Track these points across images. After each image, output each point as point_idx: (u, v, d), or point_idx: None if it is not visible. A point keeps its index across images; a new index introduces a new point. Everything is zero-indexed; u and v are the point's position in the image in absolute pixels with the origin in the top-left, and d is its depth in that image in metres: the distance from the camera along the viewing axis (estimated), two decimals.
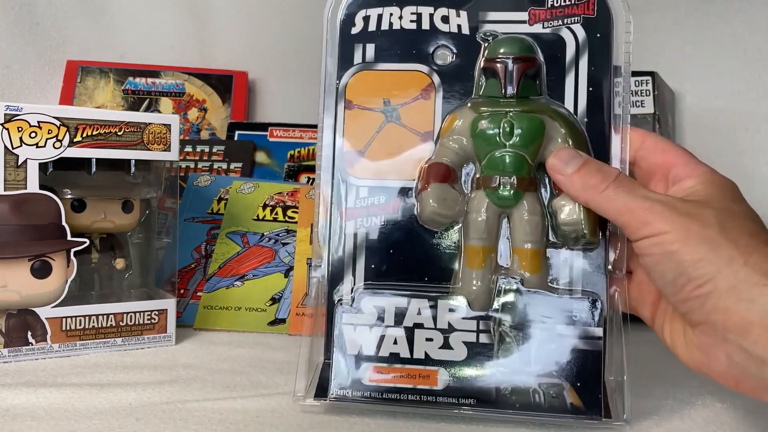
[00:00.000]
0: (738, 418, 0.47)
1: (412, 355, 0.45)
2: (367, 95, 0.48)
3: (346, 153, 0.47)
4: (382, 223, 0.47)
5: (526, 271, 0.44)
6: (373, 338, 0.45)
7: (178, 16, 1.12)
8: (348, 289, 0.47)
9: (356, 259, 0.47)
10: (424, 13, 0.47)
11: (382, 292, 0.46)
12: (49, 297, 0.58)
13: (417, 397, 0.44)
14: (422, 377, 0.44)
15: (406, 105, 0.47)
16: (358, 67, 0.48)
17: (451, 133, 0.46)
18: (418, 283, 0.46)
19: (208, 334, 0.68)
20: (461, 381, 0.44)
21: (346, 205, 0.47)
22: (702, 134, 1.04)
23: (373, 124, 0.47)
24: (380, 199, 0.47)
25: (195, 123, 1.08)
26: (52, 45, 1.07)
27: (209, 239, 0.79)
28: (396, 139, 0.47)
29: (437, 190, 0.45)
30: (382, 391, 0.45)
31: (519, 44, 0.45)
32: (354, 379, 0.45)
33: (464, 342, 0.44)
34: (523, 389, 0.43)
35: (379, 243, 0.47)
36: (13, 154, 0.56)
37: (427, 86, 0.47)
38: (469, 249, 0.45)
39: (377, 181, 0.47)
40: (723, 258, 0.38)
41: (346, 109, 0.48)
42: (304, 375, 0.46)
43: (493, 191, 0.44)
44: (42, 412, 0.45)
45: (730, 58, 1.03)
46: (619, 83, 0.45)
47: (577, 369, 0.43)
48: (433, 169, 0.46)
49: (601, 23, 0.46)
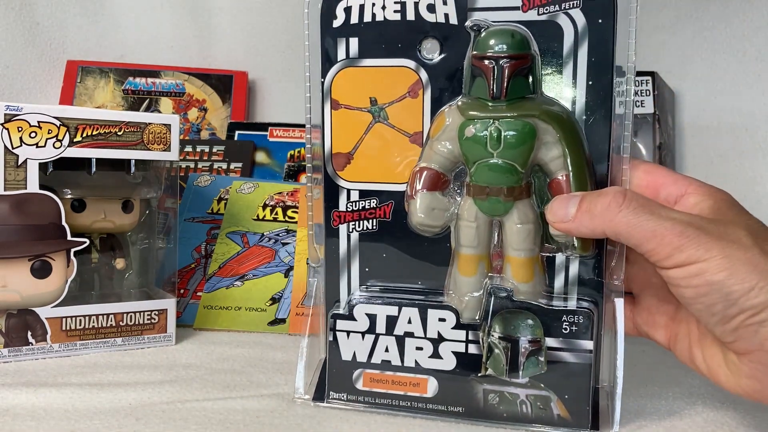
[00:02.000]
0: (738, 418, 0.46)
1: (402, 363, 0.45)
2: (353, 94, 0.46)
3: (335, 155, 0.46)
4: (374, 227, 0.46)
5: (518, 280, 0.43)
6: (366, 346, 0.46)
7: (178, 16, 1.12)
8: (344, 293, 0.47)
9: (350, 262, 0.47)
10: (408, 2, 0.44)
11: (375, 300, 0.46)
12: (49, 297, 0.58)
13: (408, 404, 0.45)
14: (413, 385, 0.45)
15: (393, 104, 0.45)
16: (342, 63, 0.45)
17: (440, 136, 0.43)
18: (412, 285, 0.46)
19: (208, 334, 0.68)
20: (450, 390, 0.44)
21: (338, 208, 0.47)
22: (702, 134, 1.04)
23: (361, 125, 0.46)
24: (371, 203, 0.46)
25: (195, 123, 1.08)
26: (52, 45, 1.07)
27: (209, 239, 0.79)
28: (385, 141, 0.46)
29: (425, 200, 0.44)
30: (376, 396, 0.46)
31: (509, 39, 0.41)
32: (348, 385, 0.46)
33: (453, 352, 0.44)
34: (510, 400, 0.43)
35: (372, 246, 0.46)
36: (13, 154, 0.56)
37: (414, 83, 0.45)
38: (461, 256, 0.44)
39: (368, 184, 0.46)
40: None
41: (332, 109, 0.46)
42: (303, 375, 0.47)
43: (481, 201, 0.43)
44: (42, 412, 0.45)
45: (730, 58, 1.03)
46: (621, 82, 0.42)
47: (565, 381, 0.43)
48: (421, 176, 0.44)
49: (604, 6, 0.41)
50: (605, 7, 0.41)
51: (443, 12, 0.44)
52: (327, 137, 0.46)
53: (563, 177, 0.42)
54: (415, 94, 0.45)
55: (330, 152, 0.46)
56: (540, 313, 0.43)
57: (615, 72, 0.41)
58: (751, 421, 0.46)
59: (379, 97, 0.45)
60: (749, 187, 1.01)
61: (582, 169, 0.42)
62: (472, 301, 0.44)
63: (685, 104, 1.06)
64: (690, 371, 0.43)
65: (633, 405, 0.48)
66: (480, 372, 0.44)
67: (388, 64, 0.45)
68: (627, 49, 0.41)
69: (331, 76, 0.46)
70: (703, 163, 1.03)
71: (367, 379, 0.46)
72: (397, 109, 0.45)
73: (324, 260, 0.47)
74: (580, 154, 0.42)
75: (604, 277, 0.43)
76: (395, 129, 0.45)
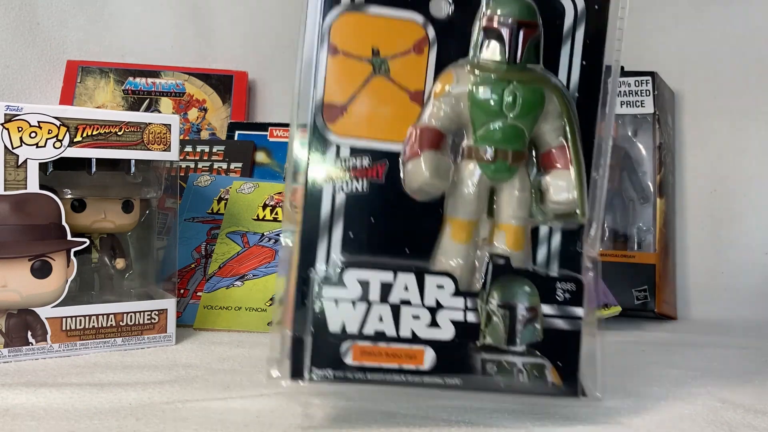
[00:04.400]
0: (738, 417, 0.46)
1: (398, 334, 0.42)
2: (354, 41, 0.42)
3: (326, 105, 0.42)
4: (364, 189, 0.42)
5: (511, 247, 0.43)
6: (358, 315, 0.41)
7: (178, 16, 1.12)
8: (322, 260, 0.42)
9: (332, 227, 0.42)
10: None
11: (367, 265, 0.42)
12: (49, 297, 0.58)
13: (403, 378, 0.42)
14: (408, 357, 0.42)
15: (396, 58, 0.43)
16: (345, 6, 0.42)
17: (445, 96, 0.42)
18: (398, 256, 0.43)
19: (208, 334, 0.68)
20: (448, 361, 0.42)
21: (323, 164, 0.42)
22: (702, 134, 1.04)
23: (359, 76, 0.42)
24: (363, 162, 0.42)
25: (195, 123, 1.08)
26: (52, 45, 1.07)
27: (209, 239, 0.79)
28: (383, 95, 0.42)
29: (431, 158, 0.42)
30: (366, 370, 0.41)
31: (525, 7, 0.42)
32: (335, 359, 0.41)
33: (452, 320, 0.42)
34: (507, 369, 0.42)
35: (360, 210, 0.42)
36: (13, 154, 0.56)
37: (420, 39, 0.43)
38: (456, 222, 0.43)
39: (361, 141, 0.42)
40: None
41: (329, 55, 0.42)
42: (277, 352, 0.42)
43: (486, 164, 0.42)
44: (42, 412, 0.45)
45: (730, 58, 1.03)
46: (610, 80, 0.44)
47: (559, 348, 0.43)
48: (425, 134, 0.42)
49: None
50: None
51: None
52: (319, 85, 0.42)
53: (558, 148, 0.43)
54: (420, 51, 0.43)
55: (321, 102, 0.42)
56: (536, 280, 0.43)
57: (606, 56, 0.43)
58: (750, 421, 0.46)
59: (382, 48, 0.43)
60: (749, 187, 1.01)
61: (577, 141, 0.43)
62: (465, 268, 0.43)
63: (685, 104, 1.06)
64: (690, 371, 0.43)
65: (633, 404, 0.48)
66: (478, 341, 0.43)
67: (395, 15, 0.43)
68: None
69: (332, 18, 0.42)
70: (703, 163, 1.04)
71: (358, 352, 0.41)
72: (399, 64, 0.43)
73: (303, 224, 0.42)
74: (576, 127, 0.43)
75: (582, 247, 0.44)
76: (396, 84, 0.43)
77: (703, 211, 1.02)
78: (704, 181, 1.03)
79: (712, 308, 0.96)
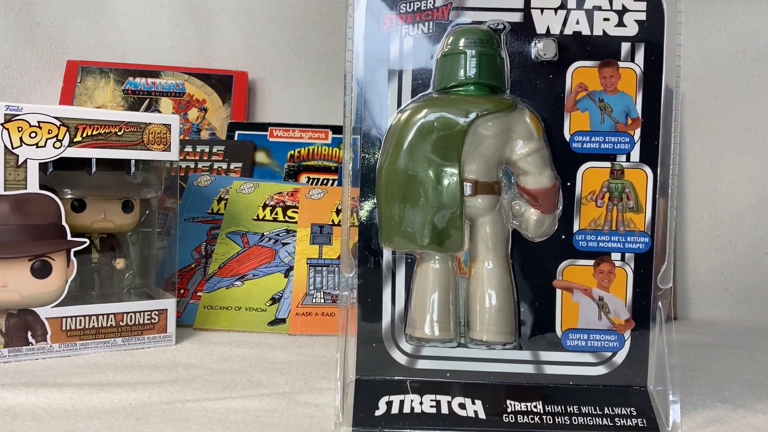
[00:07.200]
0: (737, 417, 0.46)
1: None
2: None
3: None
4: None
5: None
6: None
7: (178, 16, 1.12)
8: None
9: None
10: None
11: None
12: (49, 297, 0.58)
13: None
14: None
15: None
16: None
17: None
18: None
19: (208, 334, 0.68)
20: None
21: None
22: (702, 134, 1.04)
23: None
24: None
25: (195, 123, 1.08)
26: (52, 45, 1.07)
27: (209, 239, 0.79)
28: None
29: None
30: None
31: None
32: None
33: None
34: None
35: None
36: (13, 154, 0.56)
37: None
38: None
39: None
40: None
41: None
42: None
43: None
44: (42, 412, 0.45)
45: (730, 58, 1.03)
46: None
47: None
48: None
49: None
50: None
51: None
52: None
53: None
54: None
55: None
56: None
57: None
58: (750, 421, 0.46)
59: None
60: (750, 187, 1.01)
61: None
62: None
63: (685, 104, 1.06)
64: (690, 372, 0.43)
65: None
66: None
67: None
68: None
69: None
70: (703, 163, 1.04)
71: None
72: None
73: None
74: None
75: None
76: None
77: (703, 211, 1.02)
78: (704, 181, 1.03)
79: (712, 308, 0.97)
